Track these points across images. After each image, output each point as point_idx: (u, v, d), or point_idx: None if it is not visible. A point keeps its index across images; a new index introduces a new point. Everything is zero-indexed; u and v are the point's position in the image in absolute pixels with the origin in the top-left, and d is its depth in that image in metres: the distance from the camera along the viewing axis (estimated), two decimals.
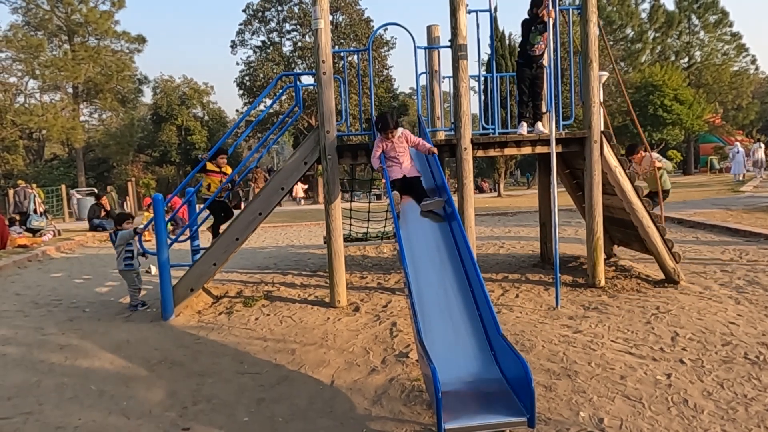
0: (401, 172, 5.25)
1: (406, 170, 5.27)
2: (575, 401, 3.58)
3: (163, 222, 6.08)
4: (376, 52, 34.46)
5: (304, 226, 15.96)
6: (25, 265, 10.48)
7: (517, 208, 17.32)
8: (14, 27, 33.40)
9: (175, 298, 6.15)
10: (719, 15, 41.56)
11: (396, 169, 5.27)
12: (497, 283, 7.01)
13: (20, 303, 7.21)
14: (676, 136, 34.35)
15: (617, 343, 4.60)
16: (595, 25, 6.23)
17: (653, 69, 35.21)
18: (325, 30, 6.01)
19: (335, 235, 6.29)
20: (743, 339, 4.54)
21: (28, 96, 36.93)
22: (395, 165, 5.29)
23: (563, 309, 5.71)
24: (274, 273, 8.58)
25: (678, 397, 3.57)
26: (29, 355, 5.08)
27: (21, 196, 16.75)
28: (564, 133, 6.57)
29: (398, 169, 5.27)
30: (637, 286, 6.53)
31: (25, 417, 3.76)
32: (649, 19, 41.40)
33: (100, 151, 37.82)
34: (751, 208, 13.02)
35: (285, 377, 4.27)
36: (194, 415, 3.70)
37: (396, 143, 5.30)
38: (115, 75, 35.65)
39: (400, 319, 5.62)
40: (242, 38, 36.88)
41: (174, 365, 4.67)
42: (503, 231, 12.35)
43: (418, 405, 3.65)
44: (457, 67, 6.10)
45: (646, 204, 6.43)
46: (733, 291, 6.05)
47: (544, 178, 8.01)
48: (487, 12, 6.58)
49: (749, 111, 44.69)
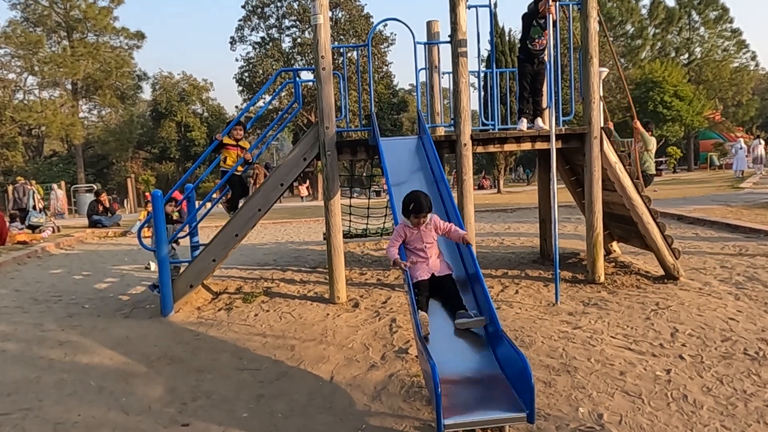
0: (429, 271, 4.07)
1: (434, 268, 4.10)
2: (575, 397, 3.58)
3: (162, 219, 6.07)
4: (376, 48, 34.40)
5: (304, 223, 15.96)
6: (24, 261, 10.48)
7: (517, 205, 17.32)
8: (13, 23, 33.37)
9: (174, 294, 6.14)
10: (719, 11, 41.55)
11: (422, 267, 4.08)
12: (497, 279, 7.00)
13: (20, 299, 7.21)
14: (676, 132, 34.36)
15: (617, 339, 4.60)
16: (595, 21, 6.21)
17: (653, 65, 35.21)
18: (324, 26, 5.99)
19: (335, 231, 6.29)
20: (743, 335, 4.54)
21: (27, 92, 36.97)
22: (421, 261, 4.10)
23: (563, 305, 5.71)
24: (274, 269, 8.58)
25: (677, 392, 3.57)
26: (28, 351, 5.07)
27: (20, 193, 16.74)
28: (564, 129, 6.56)
29: (425, 266, 4.08)
30: (637, 282, 6.52)
31: (24, 413, 3.76)
32: (649, 15, 41.37)
33: (99, 148, 37.83)
34: (751, 204, 13.01)
35: (284, 373, 4.27)
36: (193, 411, 3.70)
37: (424, 232, 4.13)
38: (114, 71, 35.64)
39: (400, 315, 5.62)
40: (241, 34, 36.84)
41: (173, 361, 4.66)
42: (503, 227, 12.35)
43: (417, 401, 3.65)
44: (456, 62, 6.08)
45: (646, 200, 6.43)
46: (732, 287, 6.05)
47: (543, 174, 8.01)
48: (487, 7, 6.56)
49: (749, 107, 44.69)
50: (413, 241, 4.14)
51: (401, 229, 4.18)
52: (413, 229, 4.12)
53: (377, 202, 12.30)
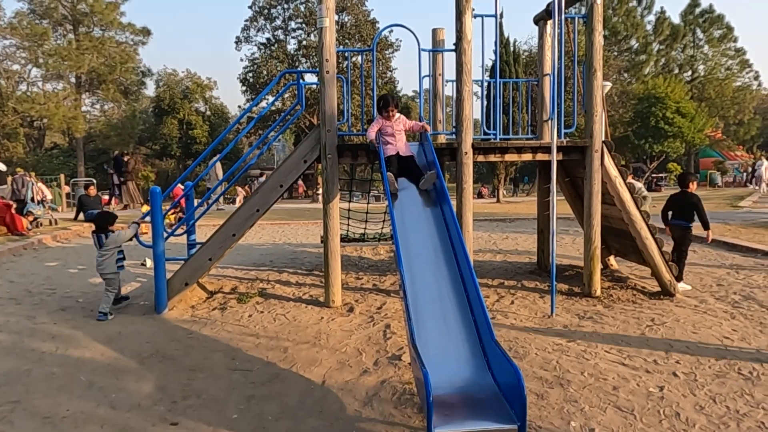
0: (395, 149, 5.54)
1: (400, 149, 5.57)
2: (567, 410, 3.56)
3: (160, 215, 6.06)
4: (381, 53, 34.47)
5: (302, 225, 15.93)
6: (20, 253, 10.44)
7: (516, 215, 17.31)
8: (19, 14, 33.37)
9: (169, 291, 6.12)
10: (724, 30, 41.74)
11: (391, 147, 5.56)
12: (493, 288, 6.99)
13: (13, 291, 7.18)
14: (676, 148, 34.43)
15: (611, 354, 4.59)
16: (600, 35, 6.23)
17: (656, 81, 35.30)
18: (330, 29, 5.99)
19: (332, 235, 6.27)
20: (737, 354, 4.53)
21: (31, 84, 36.93)
22: (390, 143, 5.58)
23: (558, 317, 5.69)
24: (270, 270, 8.55)
25: (670, 410, 3.56)
26: (20, 343, 5.05)
27: (19, 184, 16.68)
28: (565, 141, 6.57)
29: (393, 147, 5.56)
30: (633, 297, 6.51)
31: (12, 405, 3.73)
32: (654, 31, 41.55)
33: (100, 142, 37.76)
34: (749, 223, 13.02)
35: (276, 375, 4.25)
36: (183, 410, 3.68)
37: (394, 123, 5.64)
38: (119, 66, 35.62)
39: (394, 321, 5.60)
40: (247, 35, 36.86)
41: (165, 359, 4.64)
42: (501, 237, 12.34)
43: (408, 408, 3.63)
44: (460, 71, 6.08)
45: (645, 216, 6.43)
46: (728, 305, 6.04)
47: (544, 185, 8.00)
48: (493, 17, 6.57)
49: (750, 126, 44.84)
50: (385, 128, 5.63)
51: (378, 120, 5.69)
52: (386, 120, 5.62)
53: (376, 207, 12.29)
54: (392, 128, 5.62)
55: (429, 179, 5.20)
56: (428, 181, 5.21)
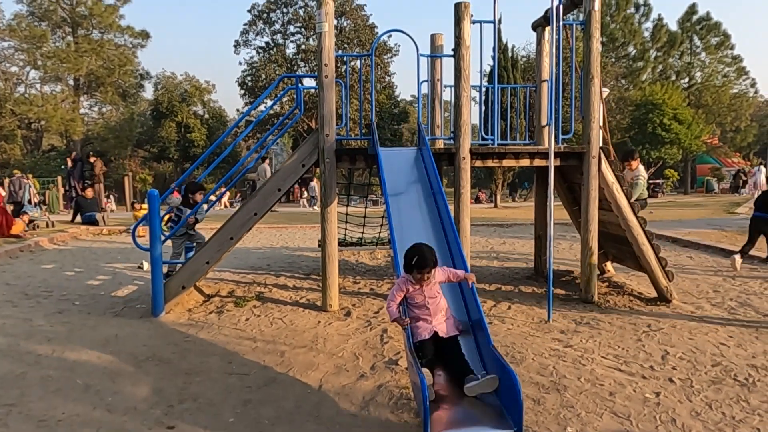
0: (431, 329, 3.64)
1: (439, 327, 3.65)
2: (563, 416, 3.57)
3: (157, 218, 6.06)
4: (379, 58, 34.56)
5: (299, 228, 15.92)
6: (16, 255, 10.41)
7: (513, 220, 17.33)
8: (18, 16, 33.38)
9: (166, 294, 6.11)
10: (721, 37, 41.93)
11: (424, 327, 3.64)
12: (490, 293, 7.00)
13: (10, 293, 7.16)
14: (673, 155, 34.58)
15: (607, 359, 4.60)
16: (598, 41, 6.26)
17: (654, 87, 35.47)
18: (329, 33, 6.01)
19: (330, 239, 6.28)
20: (733, 360, 4.54)
21: (29, 86, 36.88)
22: (423, 318, 3.67)
23: (555, 323, 5.70)
24: (267, 274, 8.55)
25: (666, 416, 3.56)
26: (16, 346, 5.03)
27: (16, 186, 16.68)
28: (563, 147, 6.59)
29: (427, 326, 3.65)
30: (630, 302, 6.53)
31: (8, 408, 3.72)
32: (651, 38, 41.72)
33: (98, 144, 37.72)
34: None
35: (273, 379, 4.24)
36: (179, 413, 3.67)
37: (426, 289, 3.67)
38: (117, 69, 35.63)
39: (391, 326, 5.60)
40: (246, 38, 36.96)
41: (162, 362, 4.63)
42: (498, 242, 12.36)
43: (405, 413, 3.63)
44: (459, 76, 6.11)
45: (642, 222, 6.45)
46: (724, 312, 6.06)
47: (541, 190, 8.03)
48: (491, 23, 6.60)
49: (747, 133, 45.02)
50: (414, 296, 3.68)
51: (402, 284, 3.69)
52: (415, 286, 3.66)
53: (373, 211, 12.29)
54: (424, 296, 3.66)
55: (484, 385, 3.28)
56: (481, 387, 3.29)
